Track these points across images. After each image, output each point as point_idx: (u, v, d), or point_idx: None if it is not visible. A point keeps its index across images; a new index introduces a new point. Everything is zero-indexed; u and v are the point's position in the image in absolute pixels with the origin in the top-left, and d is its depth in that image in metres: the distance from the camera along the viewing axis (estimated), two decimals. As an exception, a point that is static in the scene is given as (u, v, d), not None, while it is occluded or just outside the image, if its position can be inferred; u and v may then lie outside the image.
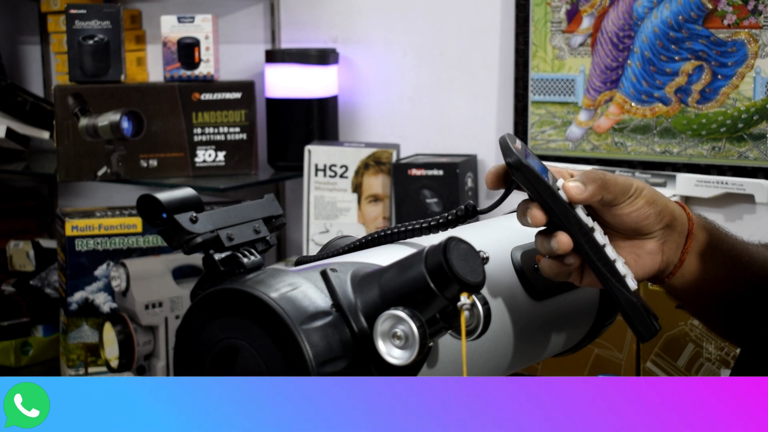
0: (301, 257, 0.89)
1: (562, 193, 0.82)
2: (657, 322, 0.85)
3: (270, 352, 0.71)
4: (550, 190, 0.81)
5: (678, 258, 0.91)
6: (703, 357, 1.64)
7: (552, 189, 0.81)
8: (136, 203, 0.78)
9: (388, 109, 2.20)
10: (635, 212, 0.86)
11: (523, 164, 0.80)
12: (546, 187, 0.81)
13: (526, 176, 0.81)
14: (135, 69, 2.42)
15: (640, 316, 0.84)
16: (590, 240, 0.83)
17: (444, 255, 0.71)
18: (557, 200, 0.82)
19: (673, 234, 0.90)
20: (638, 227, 0.87)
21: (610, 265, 0.83)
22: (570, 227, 0.82)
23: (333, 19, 2.25)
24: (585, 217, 0.83)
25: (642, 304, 0.85)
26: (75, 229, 2.02)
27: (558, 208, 0.82)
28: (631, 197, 0.86)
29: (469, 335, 0.74)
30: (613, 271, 0.84)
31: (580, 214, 0.83)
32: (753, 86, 1.76)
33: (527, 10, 1.97)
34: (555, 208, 0.82)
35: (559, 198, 0.82)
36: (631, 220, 0.87)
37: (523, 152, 0.82)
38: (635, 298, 0.84)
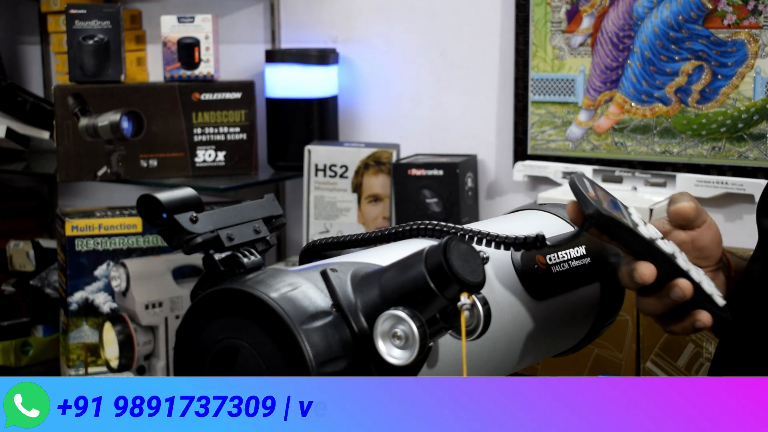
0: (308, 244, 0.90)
1: (642, 228, 0.84)
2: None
3: (270, 352, 0.71)
4: (633, 232, 0.83)
5: (725, 288, 0.96)
6: (703, 357, 1.64)
7: (634, 231, 0.83)
8: (136, 203, 0.78)
9: (388, 109, 2.20)
10: (715, 231, 0.93)
11: (603, 216, 0.81)
12: (629, 230, 0.82)
13: (609, 227, 0.82)
14: (135, 69, 2.42)
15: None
16: (676, 269, 0.84)
17: (444, 255, 0.71)
18: (641, 240, 0.83)
19: (719, 264, 0.96)
20: (716, 250, 0.93)
21: (699, 289, 0.85)
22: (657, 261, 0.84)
23: (333, 19, 2.25)
24: (666, 245, 0.85)
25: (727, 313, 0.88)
26: (75, 229, 2.02)
27: (643, 248, 0.83)
28: (706, 216, 0.92)
29: (469, 335, 0.74)
30: (702, 294, 0.86)
31: (660, 244, 0.84)
32: (753, 86, 1.76)
33: (527, 10, 1.97)
34: (640, 248, 0.83)
35: (642, 237, 0.83)
36: (715, 239, 0.92)
37: (598, 198, 0.83)
38: (726, 314, 0.87)
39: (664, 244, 0.85)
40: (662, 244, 0.84)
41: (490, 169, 2.09)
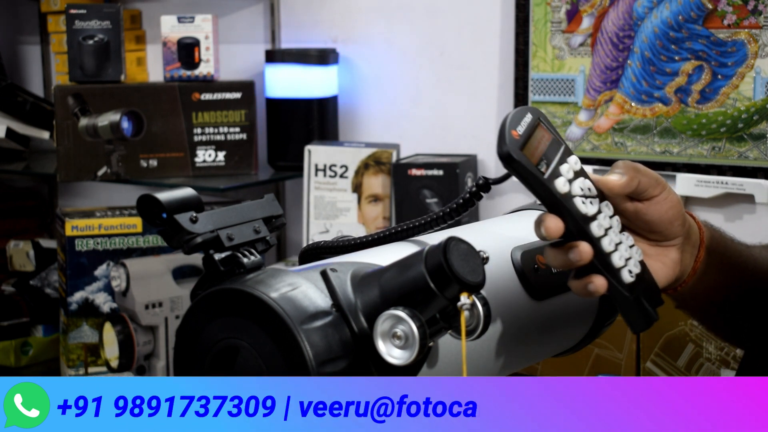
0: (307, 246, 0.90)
1: (558, 183, 0.80)
2: (655, 310, 0.84)
3: (270, 352, 0.71)
4: (542, 183, 0.80)
5: (691, 267, 0.91)
6: (703, 357, 1.64)
7: (543, 182, 0.79)
8: (136, 203, 0.78)
9: (388, 109, 2.20)
10: (668, 208, 0.86)
11: (512, 158, 0.78)
12: (537, 180, 0.79)
13: (518, 172, 0.79)
14: (135, 69, 2.42)
15: (632, 311, 0.83)
16: (582, 232, 0.81)
17: (444, 255, 0.71)
18: (550, 193, 0.80)
19: (687, 244, 0.90)
20: (668, 228, 0.87)
21: (604, 258, 0.82)
22: (564, 217, 0.81)
23: (333, 19, 2.25)
24: (590, 206, 0.82)
25: (641, 293, 0.83)
26: (75, 229, 2.02)
27: (552, 201, 0.80)
28: (664, 190, 0.86)
29: (469, 335, 0.74)
30: (607, 264, 0.82)
31: (577, 203, 0.81)
32: (753, 86, 1.76)
33: (527, 10, 1.97)
34: (549, 201, 0.80)
35: (552, 190, 0.80)
36: (663, 216, 0.86)
37: (524, 137, 0.80)
38: (628, 291, 0.82)
39: (588, 204, 0.81)
40: (580, 204, 0.81)
41: (490, 169, 2.09)
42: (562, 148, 0.83)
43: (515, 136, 0.79)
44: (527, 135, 0.80)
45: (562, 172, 0.81)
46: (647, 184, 0.85)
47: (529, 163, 0.79)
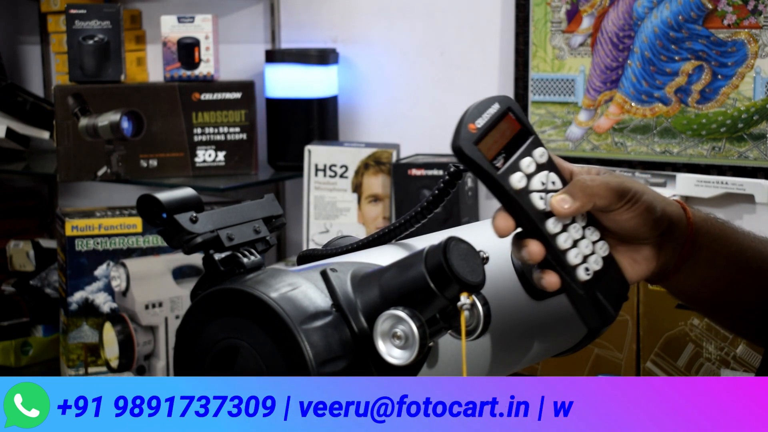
0: (303, 252, 0.90)
1: (514, 178, 0.79)
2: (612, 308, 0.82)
3: (270, 352, 0.71)
4: (493, 180, 0.79)
5: (674, 264, 0.87)
6: (703, 357, 1.64)
7: (494, 179, 0.78)
8: (136, 203, 0.78)
9: (388, 109, 2.20)
10: (632, 219, 0.83)
11: (463, 153, 0.78)
12: (489, 177, 0.78)
13: (471, 167, 0.78)
14: (135, 69, 2.42)
15: (585, 308, 0.81)
16: (537, 230, 0.79)
17: (444, 255, 0.71)
18: (501, 191, 0.79)
19: (671, 241, 0.87)
20: (634, 234, 0.84)
21: (558, 256, 0.80)
22: (517, 214, 0.80)
23: (333, 19, 2.25)
24: (543, 203, 0.80)
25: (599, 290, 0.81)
26: (75, 229, 2.02)
27: (503, 198, 0.79)
28: (628, 203, 0.82)
29: (469, 335, 0.74)
30: (561, 261, 0.80)
31: (533, 198, 0.79)
32: (753, 86, 1.76)
33: (527, 10, 1.97)
34: (500, 198, 0.80)
35: (502, 187, 0.79)
36: (628, 226, 0.83)
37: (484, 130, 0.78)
38: (582, 288, 0.80)
39: (547, 199, 0.79)
40: (537, 200, 0.79)
41: (490, 169, 2.08)
42: (530, 140, 0.81)
43: (472, 129, 0.78)
44: (488, 127, 0.79)
45: (521, 167, 0.79)
46: (603, 205, 0.82)
47: (482, 158, 0.78)
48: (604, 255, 0.82)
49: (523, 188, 0.79)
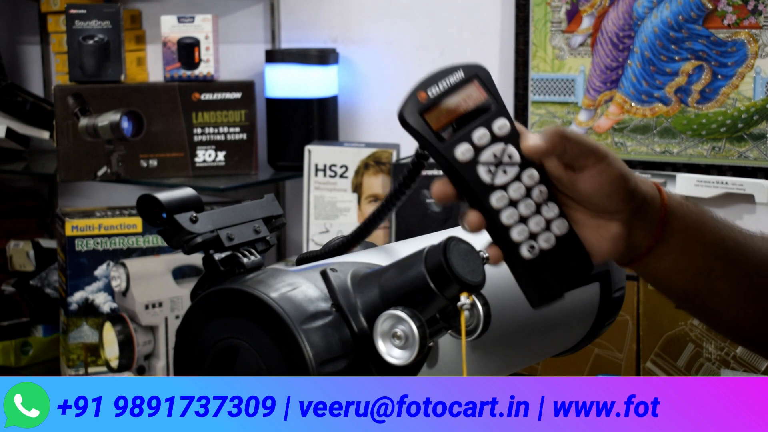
0: (301, 255, 0.89)
1: (459, 150, 0.77)
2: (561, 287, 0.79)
3: (270, 352, 0.71)
4: (434, 149, 0.77)
5: (645, 246, 0.84)
6: (703, 357, 1.64)
7: (435, 148, 0.77)
8: (136, 203, 0.78)
9: (388, 109, 2.20)
10: (604, 181, 0.79)
11: (405, 121, 0.77)
12: (431, 146, 0.77)
13: (413, 135, 0.77)
14: (135, 69, 2.42)
15: (527, 287, 0.79)
16: (480, 203, 0.78)
17: (444, 255, 0.71)
18: (443, 160, 0.77)
19: (642, 221, 0.83)
20: (605, 201, 0.80)
21: (500, 232, 0.78)
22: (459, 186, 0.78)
23: (333, 19, 2.25)
24: (489, 176, 0.78)
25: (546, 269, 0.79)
26: (75, 229, 2.02)
27: (445, 168, 0.78)
28: (597, 160, 0.79)
29: (469, 335, 0.74)
30: (503, 238, 0.78)
31: (480, 171, 0.78)
32: (753, 86, 1.76)
33: (527, 10, 1.97)
34: (443, 167, 0.78)
35: (443, 157, 0.77)
36: (597, 189, 0.80)
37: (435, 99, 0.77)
38: (525, 267, 0.78)
39: (497, 173, 0.78)
40: (483, 173, 0.77)
41: (490, 169, 2.08)
42: (492, 110, 0.79)
43: (421, 98, 0.78)
44: (442, 96, 0.78)
45: (473, 138, 0.78)
46: (576, 153, 0.79)
47: (425, 127, 0.77)
48: (560, 233, 0.80)
49: (468, 160, 0.78)
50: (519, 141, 0.79)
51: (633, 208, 0.82)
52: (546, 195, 0.79)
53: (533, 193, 0.79)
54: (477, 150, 0.78)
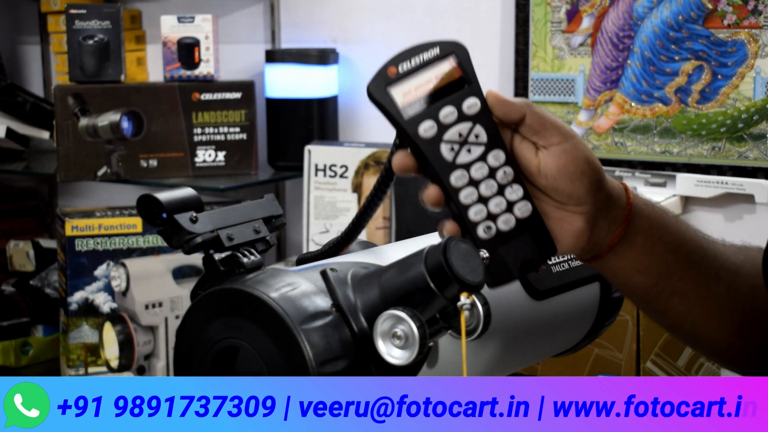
0: (301, 255, 0.90)
1: (423, 126, 0.77)
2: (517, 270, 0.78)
3: (270, 352, 0.71)
4: (395, 120, 0.78)
5: (607, 243, 0.83)
6: (703, 357, 1.64)
7: (396, 119, 0.77)
8: (136, 203, 0.78)
9: (388, 109, 2.20)
10: (567, 161, 0.78)
11: (370, 93, 0.78)
12: (392, 117, 0.78)
13: (376, 106, 0.78)
14: (135, 69, 2.42)
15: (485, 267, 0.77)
16: (439, 181, 0.78)
17: (444, 255, 0.71)
18: (401, 131, 0.78)
19: (606, 217, 0.82)
20: (568, 185, 0.79)
21: (458, 210, 0.78)
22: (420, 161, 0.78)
23: (333, 19, 2.25)
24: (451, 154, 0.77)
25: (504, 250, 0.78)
26: (75, 229, 2.02)
27: (403, 139, 0.78)
28: (562, 139, 0.79)
29: (469, 335, 0.74)
30: (461, 217, 0.78)
31: (442, 149, 0.77)
32: (753, 86, 1.76)
33: (527, 10, 1.97)
34: (401, 138, 0.78)
35: (403, 128, 0.77)
36: (561, 168, 0.78)
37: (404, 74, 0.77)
38: (481, 246, 0.77)
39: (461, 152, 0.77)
40: (446, 151, 0.77)
41: (490, 169, 2.08)
42: (465, 88, 0.78)
43: (390, 73, 0.78)
44: (413, 71, 0.78)
45: (439, 115, 0.77)
46: (537, 124, 0.78)
47: (390, 102, 0.78)
48: (522, 216, 0.79)
49: (431, 137, 0.77)
50: (489, 121, 0.79)
51: (598, 202, 0.81)
52: (511, 177, 0.79)
53: (497, 174, 0.78)
54: (442, 127, 0.78)
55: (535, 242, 0.79)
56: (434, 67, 0.78)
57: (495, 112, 0.79)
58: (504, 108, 0.79)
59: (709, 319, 0.90)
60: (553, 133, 0.79)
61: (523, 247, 0.79)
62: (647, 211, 0.86)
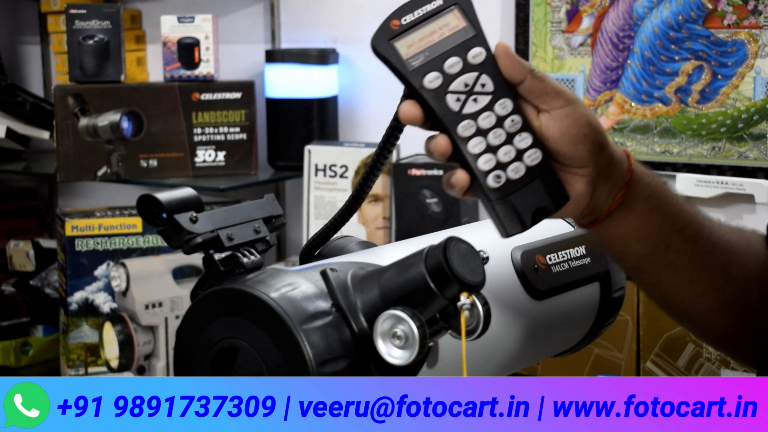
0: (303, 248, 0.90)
1: (428, 78, 0.77)
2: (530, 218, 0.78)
3: (270, 352, 0.71)
4: (400, 73, 0.78)
5: (606, 207, 0.84)
6: (703, 357, 1.64)
7: (401, 72, 0.78)
8: (136, 203, 0.78)
9: (388, 109, 2.19)
10: (569, 125, 0.79)
11: (375, 48, 0.79)
12: (396, 70, 0.78)
13: (381, 60, 0.78)
14: (135, 69, 2.42)
15: (494, 215, 0.79)
16: (446, 131, 0.78)
17: (444, 255, 0.71)
18: (408, 84, 0.78)
19: (607, 182, 0.83)
20: (570, 149, 0.80)
21: (466, 160, 0.78)
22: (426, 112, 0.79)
23: (333, 19, 2.25)
24: (458, 104, 0.78)
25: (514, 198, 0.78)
26: (75, 229, 2.02)
27: (410, 92, 0.78)
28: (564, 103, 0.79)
29: (469, 335, 0.74)
30: (469, 166, 0.78)
31: (449, 100, 0.78)
32: (753, 86, 1.76)
33: (527, 10, 1.97)
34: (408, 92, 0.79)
35: (409, 81, 0.78)
36: (563, 132, 0.79)
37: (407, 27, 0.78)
38: (490, 195, 0.78)
39: (467, 102, 0.77)
40: (452, 101, 0.77)
41: (490, 169, 2.08)
42: (468, 38, 0.79)
43: (393, 25, 0.79)
44: (416, 23, 0.79)
45: (444, 66, 0.78)
46: (537, 89, 0.79)
47: (395, 55, 0.78)
48: (532, 163, 0.79)
49: (436, 88, 0.78)
50: (496, 71, 0.79)
51: (599, 165, 0.82)
52: (520, 125, 0.79)
53: (505, 122, 0.78)
54: (447, 78, 0.78)
55: (546, 190, 0.79)
56: (438, 18, 0.79)
57: (499, 64, 0.79)
58: (507, 62, 0.79)
59: (701, 294, 0.90)
60: (554, 98, 0.79)
61: (535, 195, 0.79)
62: (648, 179, 0.87)
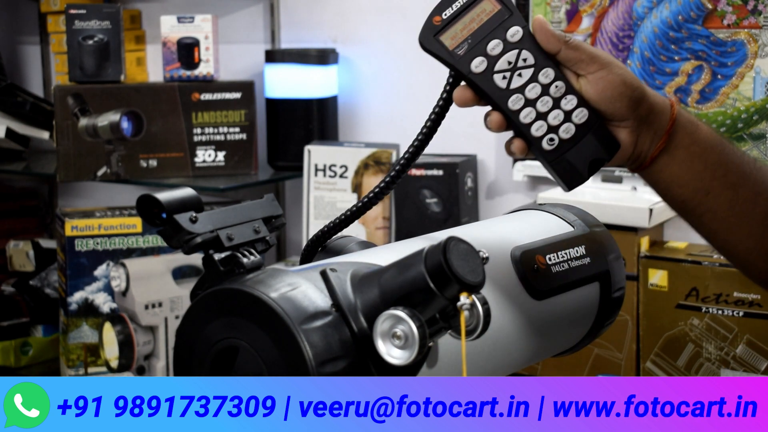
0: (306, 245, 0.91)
1: (474, 63, 0.86)
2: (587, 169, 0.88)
3: (270, 352, 0.71)
4: (450, 64, 0.87)
5: (650, 154, 0.92)
6: (703, 357, 1.64)
7: (451, 64, 0.87)
8: (135, 203, 0.78)
9: (388, 109, 2.20)
10: (605, 87, 0.87)
11: (423, 45, 0.88)
12: (448, 63, 0.87)
13: (432, 56, 0.88)
14: (135, 69, 2.42)
15: (554, 173, 0.89)
16: (498, 107, 0.87)
17: (444, 255, 0.71)
18: (458, 72, 0.87)
19: (649, 130, 0.91)
20: (609, 107, 0.88)
21: (521, 130, 0.87)
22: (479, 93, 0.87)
23: (333, 19, 2.25)
24: (505, 82, 0.86)
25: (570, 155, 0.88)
26: (75, 229, 2.02)
27: (463, 77, 0.87)
28: (599, 67, 0.87)
29: (469, 335, 0.74)
30: (525, 135, 0.87)
31: (496, 79, 0.86)
32: (753, 86, 1.76)
33: (527, 10, 1.97)
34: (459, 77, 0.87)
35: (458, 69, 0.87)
36: (600, 93, 0.87)
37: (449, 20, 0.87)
38: (548, 156, 0.88)
39: (513, 78, 0.86)
40: (499, 80, 0.86)
41: (490, 169, 2.09)
42: (504, 19, 0.87)
43: (435, 21, 0.89)
44: (455, 15, 0.88)
45: (487, 49, 0.86)
46: (572, 58, 0.87)
47: (441, 48, 0.88)
48: (580, 122, 0.88)
49: (483, 71, 0.86)
50: (534, 44, 0.87)
51: (639, 116, 0.89)
52: (563, 89, 0.88)
53: (550, 90, 0.87)
54: (491, 60, 0.86)
55: (598, 142, 0.88)
56: (474, 6, 0.87)
57: (536, 38, 0.87)
58: (542, 36, 0.87)
59: (741, 240, 0.96)
60: (589, 63, 0.87)
61: (588, 149, 0.88)
62: (691, 128, 0.93)
